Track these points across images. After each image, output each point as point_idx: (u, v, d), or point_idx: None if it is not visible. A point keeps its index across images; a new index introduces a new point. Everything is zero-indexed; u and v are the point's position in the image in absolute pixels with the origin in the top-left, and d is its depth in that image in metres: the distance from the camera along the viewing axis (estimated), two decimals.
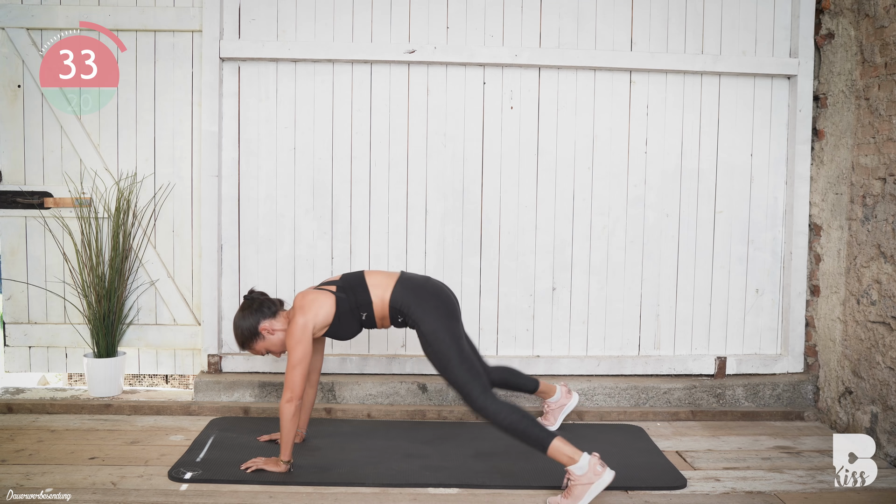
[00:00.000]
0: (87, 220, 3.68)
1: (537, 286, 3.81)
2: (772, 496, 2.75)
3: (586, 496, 2.57)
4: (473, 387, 2.74)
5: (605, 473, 2.59)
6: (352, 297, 2.88)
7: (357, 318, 2.90)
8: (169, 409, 3.56)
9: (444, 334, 2.80)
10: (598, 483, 2.57)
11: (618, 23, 3.75)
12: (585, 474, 2.58)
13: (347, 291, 2.89)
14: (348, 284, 2.91)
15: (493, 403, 2.71)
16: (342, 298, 2.87)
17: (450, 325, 2.83)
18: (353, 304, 2.88)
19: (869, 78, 3.31)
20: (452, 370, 2.77)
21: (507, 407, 2.70)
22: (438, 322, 2.81)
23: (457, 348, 2.79)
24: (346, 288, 2.89)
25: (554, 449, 2.61)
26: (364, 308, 2.88)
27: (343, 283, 2.92)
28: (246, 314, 2.87)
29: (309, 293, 2.89)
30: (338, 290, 2.89)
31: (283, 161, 3.73)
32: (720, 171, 3.84)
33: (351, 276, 2.95)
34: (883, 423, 3.15)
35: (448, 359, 2.77)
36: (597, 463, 2.60)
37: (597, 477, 2.58)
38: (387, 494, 2.69)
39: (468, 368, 2.76)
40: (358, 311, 2.89)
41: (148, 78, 3.73)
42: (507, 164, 3.77)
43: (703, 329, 3.87)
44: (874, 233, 3.23)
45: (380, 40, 3.70)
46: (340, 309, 2.87)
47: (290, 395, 2.74)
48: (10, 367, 3.82)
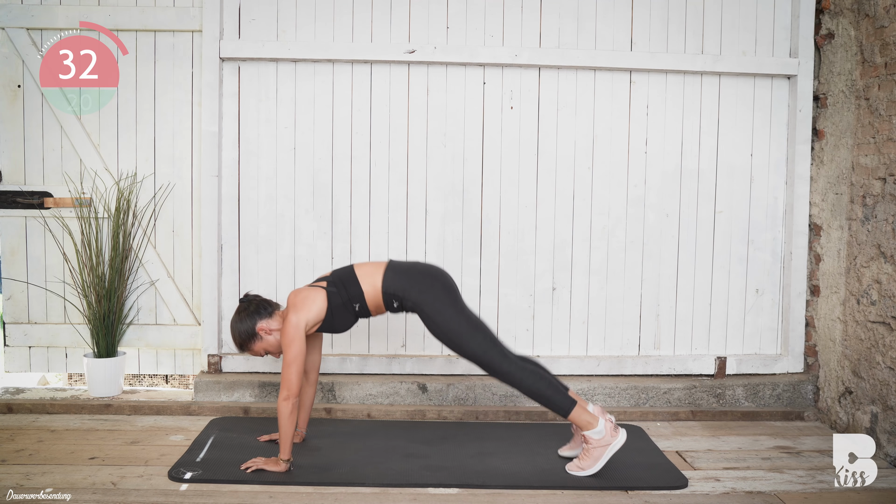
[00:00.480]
0: (87, 220, 3.68)
1: (537, 286, 3.81)
2: (772, 496, 2.75)
3: (604, 457, 2.82)
4: (493, 354, 2.81)
5: (620, 435, 2.85)
6: (343, 290, 2.89)
7: (350, 309, 2.92)
8: (169, 409, 3.56)
9: (446, 309, 2.83)
10: (614, 444, 2.83)
11: (618, 23, 3.75)
12: (603, 437, 2.82)
13: (338, 285, 2.90)
14: (339, 278, 2.93)
15: (516, 369, 2.83)
16: (333, 293, 2.89)
17: (450, 300, 2.86)
18: (346, 298, 2.89)
19: (869, 78, 3.31)
20: (466, 342, 2.81)
21: (531, 372, 2.83)
22: (438, 300, 2.84)
23: (464, 318, 2.83)
24: (336, 282, 2.91)
25: (575, 414, 2.83)
26: (356, 299, 2.90)
27: (333, 278, 2.94)
28: (242, 316, 2.89)
29: (301, 291, 2.91)
30: (329, 285, 2.91)
31: (283, 161, 3.73)
32: (720, 171, 3.84)
33: (341, 271, 2.97)
34: (883, 423, 3.15)
35: (458, 332, 2.81)
36: (612, 427, 2.85)
37: (613, 439, 2.84)
38: (387, 494, 2.69)
39: (482, 337, 2.82)
40: (351, 304, 2.91)
41: (148, 78, 3.73)
42: (507, 164, 3.77)
43: (703, 329, 3.87)
44: (874, 233, 3.23)
45: (380, 40, 3.70)
46: (333, 303, 2.88)
47: (287, 393, 2.75)
48: (10, 367, 3.82)
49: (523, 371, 2.82)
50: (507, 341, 3.80)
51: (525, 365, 2.85)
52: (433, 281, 2.89)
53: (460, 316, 2.83)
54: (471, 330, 2.82)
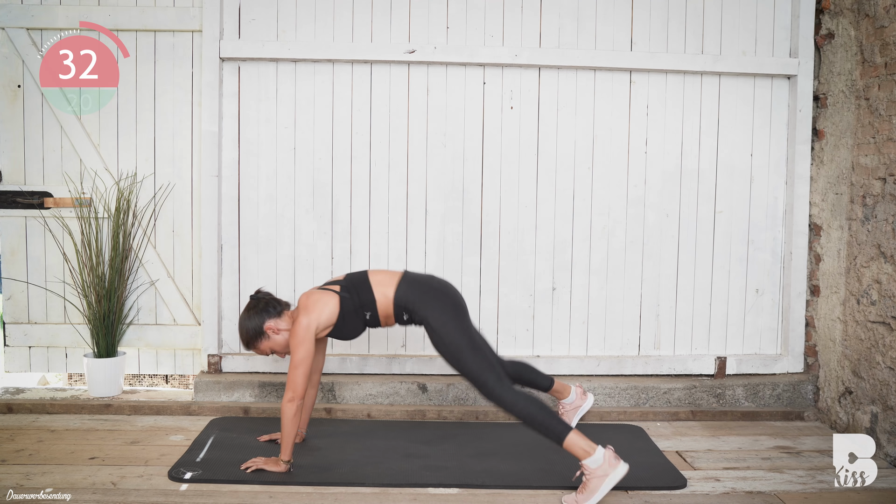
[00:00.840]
0: (87, 220, 3.68)
1: (537, 286, 3.81)
2: (772, 496, 2.75)
3: (602, 488, 2.60)
4: (488, 377, 2.76)
5: (620, 466, 2.63)
6: (355, 296, 2.88)
7: (361, 317, 2.90)
8: (169, 409, 3.56)
9: (452, 327, 2.81)
10: (613, 475, 2.61)
11: (618, 23, 3.75)
12: (601, 467, 2.61)
13: (351, 291, 2.88)
14: (352, 284, 2.90)
15: (509, 393, 2.73)
16: (346, 298, 2.87)
17: (457, 318, 2.84)
18: (357, 304, 2.87)
19: (869, 78, 3.31)
20: (465, 362, 2.78)
21: (524, 397, 2.73)
22: (446, 316, 2.83)
23: (467, 339, 2.81)
24: (349, 287, 2.89)
25: (570, 442, 2.64)
26: (368, 307, 2.88)
27: (347, 283, 2.91)
28: (252, 314, 2.87)
29: (313, 293, 2.89)
30: (342, 290, 2.89)
31: (283, 161, 3.73)
32: (720, 171, 3.84)
33: (355, 276, 2.95)
34: (883, 423, 3.15)
35: (460, 350, 2.79)
36: (612, 456, 2.64)
37: (612, 469, 2.61)
38: (387, 494, 2.69)
39: (481, 359, 2.78)
40: (362, 311, 2.89)
41: (148, 78, 3.73)
42: (507, 164, 3.77)
43: (703, 329, 3.87)
44: (874, 233, 3.23)
45: (380, 40, 3.70)
46: (345, 309, 2.86)
47: (292, 395, 2.74)
48: (10, 367, 3.82)
49: (517, 395, 2.74)
50: (507, 341, 3.80)
51: (520, 390, 2.77)
52: (445, 298, 2.87)
53: (464, 335, 2.81)
54: (471, 349, 2.79)
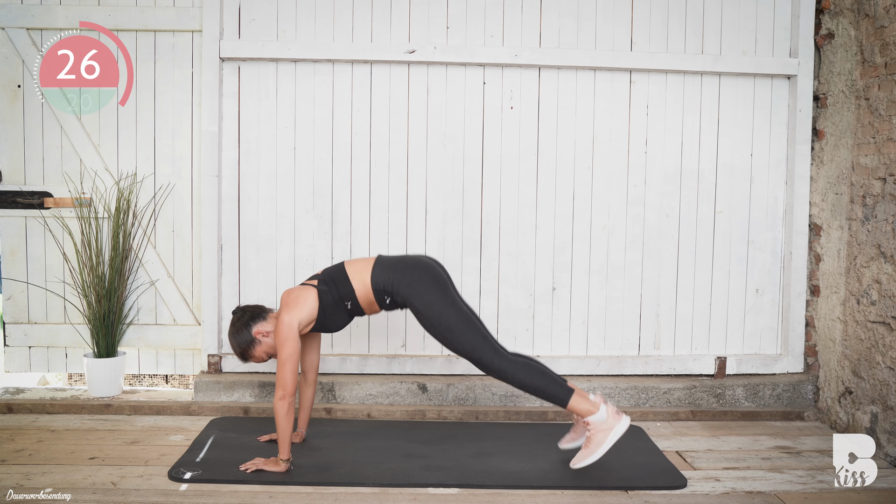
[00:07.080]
0: (87, 220, 3.68)
1: (537, 286, 3.81)
2: (772, 496, 2.75)
3: (608, 441, 2.74)
4: (484, 350, 2.77)
5: (623, 419, 2.77)
6: (334, 288, 2.88)
7: (343, 308, 2.90)
8: (169, 409, 3.56)
9: (436, 301, 2.79)
10: (617, 428, 2.75)
11: (618, 23, 3.75)
12: (605, 421, 2.75)
13: (329, 284, 2.89)
14: (329, 277, 2.91)
15: (508, 364, 2.76)
16: (324, 291, 2.87)
17: (440, 291, 2.82)
18: (337, 296, 2.88)
19: (869, 78, 3.31)
20: (457, 336, 2.77)
21: (524, 366, 2.76)
22: (428, 291, 2.81)
23: (455, 312, 2.79)
24: (327, 280, 2.90)
25: (574, 402, 2.76)
26: (347, 297, 2.88)
27: (324, 276, 2.93)
28: (239, 326, 2.89)
29: (293, 290, 2.91)
30: (319, 284, 2.90)
31: (283, 161, 3.73)
32: (720, 171, 3.84)
33: (332, 269, 2.96)
34: (883, 423, 3.15)
35: (448, 326, 2.78)
36: (614, 411, 2.78)
37: (616, 422, 2.75)
38: (387, 494, 2.69)
39: (473, 332, 2.77)
40: (342, 302, 2.89)
41: (148, 78, 3.73)
42: (506, 164, 3.77)
43: (703, 329, 3.87)
44: (874, 233, 3.23)
45: (380, 40, 3.70)
46: (324, 302, 2.87)
47: (283, 393, 2.76)
48: (10, 367, 3.82)
49: (515, 365, 2.77)
50: (507, 341, 3.80)
51: (517, 359, 2.81)
52: (422, 273, 2.85)
53: (451, 309, 2.79)
54: (461, 324, 2.77)
